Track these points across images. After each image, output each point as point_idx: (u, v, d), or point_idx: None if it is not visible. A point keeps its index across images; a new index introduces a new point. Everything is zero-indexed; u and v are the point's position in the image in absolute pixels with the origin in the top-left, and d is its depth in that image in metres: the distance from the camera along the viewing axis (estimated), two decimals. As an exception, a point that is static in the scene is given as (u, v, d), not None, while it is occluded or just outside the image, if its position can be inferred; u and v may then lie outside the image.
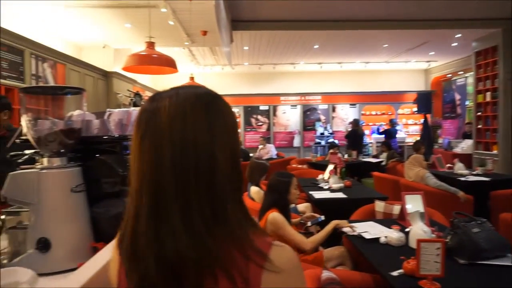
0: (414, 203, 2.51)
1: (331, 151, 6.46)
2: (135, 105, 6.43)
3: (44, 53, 4.55)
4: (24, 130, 1.28)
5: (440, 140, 10.21)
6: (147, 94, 8.37)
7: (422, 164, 4.30)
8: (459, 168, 4.95)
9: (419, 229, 2.06)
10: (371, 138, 10.60)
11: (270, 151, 8.06)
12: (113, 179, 1.33)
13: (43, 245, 1.14)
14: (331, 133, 11.05)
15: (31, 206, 1.18)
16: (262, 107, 11.28)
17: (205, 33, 5.47)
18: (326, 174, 4.44)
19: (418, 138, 9.60)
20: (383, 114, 11.39)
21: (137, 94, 7.01)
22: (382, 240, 2.15)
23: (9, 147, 1.42)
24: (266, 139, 9.01)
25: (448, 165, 5.29)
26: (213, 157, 0.58)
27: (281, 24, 6.56)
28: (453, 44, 7.98)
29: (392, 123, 9.45)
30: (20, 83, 3.98)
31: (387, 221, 2.62)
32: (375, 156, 7.78)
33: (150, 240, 0.57)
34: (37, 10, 4.49)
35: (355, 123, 8.76)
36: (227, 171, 0.59)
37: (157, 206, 0.57)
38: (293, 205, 3.05)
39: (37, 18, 4.76)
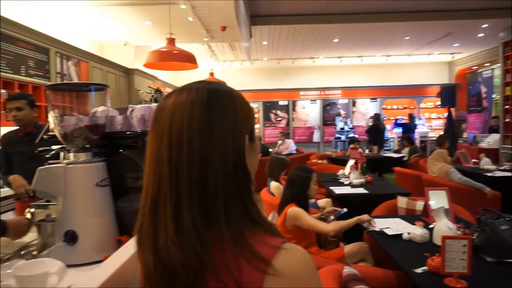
0: (438, 199, 2.45)
1: (351, 146, 6.38)
2: (155, 101, 6.52)
3: (69, 51, 4.67)
4: (51, 126, 1.32)
5: (464, 135, 9.91)
6: (167, 90, 8.47)
7: (446, 159, 4.19)
8: (486, 163, 4.80)
9: (444, 226, 2.01)
10: (393, 133, 10.40)
11: (289, 146, 8.03)
12: (136, 174, 1.36)
13: (71, 237, 1.17)
14: (351, 128, 10.90)
15: (59, 199, 1.22)
16: (281, 102, 11.23)
17: (224, 28, 5.48)
18: (346, 169, 4.39)
19: (442, 132, 9.36)
20: (405, 108, 11.14)
21: (157, 91, 7.10)
22: (405, 236, 2.11)
23: (37, 143, 1.47)
24: (286, 134, 8.98)
25: (474, 160, 5.13)
26: (205, 155, 0.57)
27: (300, 18, 6.49)
28: (479, 35, 7.70)
29: (411, 117, 9.25)
30: (46, 81, 4.10)
31: (410, 217, 2.57)
32: (397, 151, 7.63)
33: (148, 235, 0.57)
34: (62, 10, 4.60)
35: (376, 117, 8.61)
36: (225, 170, 0.57)
37: (156, 202, 0.58)
38: (313, 201, 3.03)
39: (61, 18, 4.88)
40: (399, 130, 9.39)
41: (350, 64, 10.54)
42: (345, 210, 2.70)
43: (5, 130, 2.69)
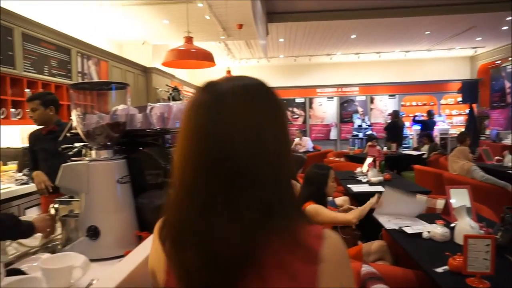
0: (459, 197, 2.39)
1: (369, 143, 6.30)
2: (173, 99, 6.60)
3: (89, 51, 4.77)
4: (74, 124, 1.35)
5: (487, 131, 9.63)
6: (185, 89, 8.55)
7: (467, 157, 4.09)
8: (509, 160, 4.66)
9: (465, 225, 1.97)
10: (412, 130, 10.21)
11: (306, 144, 7.99)
12: (156, 171, 1.38)
13: (93, 232, 1.20)
14: (369, 125, 10.75)
15: (82, 195, 1.25)
16: (298, 100, 11.17)
17: (240, 26, 5.48)
18: (364, 167, 4.34)
19: (463, 129, 9.13)
20: (425, 104, 10.90)
21: (175, 89, 7.18)
22: (425, 235, 2.07)
23: (61, 141, 1.51)
24: (302, 132, 8.93)
25: (497, 157, 4.98)
26: (259, 148, 0.58)
27: (317, 15, 6.43)
28: (503, 28, 7.46)
29: (430, 114, 9.04)
30: (68, 80, 4.21)
31: (429, 215, 2.52)
32: (416, 149, 7.49)
33: (194, 232, 0.57)
34: (82, 10, 4.70)
35: (395, 114, 8.47)
36: (278, 161, 0.59)
37: (206, 198, 0.57)
38: (330, 198, 3.01)
39: (82, 18, 4.99)
40: (418, 127, 9.21)
41: (367, 61, 10.39)
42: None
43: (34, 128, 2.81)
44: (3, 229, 1.16)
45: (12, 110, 3.35)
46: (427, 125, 8.70)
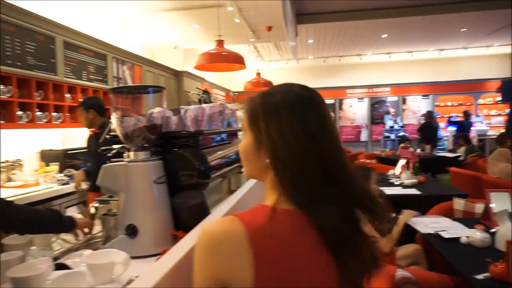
0: (500, 202, 2.29)
1: (402, 145, 6.13)
2: (205, 102, 6.71)
3: (124, 56, 4.95)
4: (113, 126, 1.41)
5: (529, 133, 9.12)
6: (214, 91, 8.67)
7: (508, 159, 3.90)
8: (555, 163, 4.39)
9: (508, 230, 1.88)
10: (447, 131, 9.84)
11: (336, 145, 7.88)
12: (190, 172, 1.41)
13: (132, 231, 1.25)
14: (401, 127, 10.46)
15: (120, 195, 1.31)
16: (327, 101, 10.99)
17: (270, 28, 5.50)
18: (397, 169, 4.23)
19: (503, 130, 8.69)
20: (461, 105, 10.47)
21: (205, 92, 7.30)
22: (463, 240, 2.00)
23: (101, 142, 1.58)
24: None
25: (541, 160, 4.71)
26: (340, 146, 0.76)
27: (347, 15, 6.35)
28: (546, 24, 7.06)
29: (467, 115, 8.66)
30: (104, 84, 4.38)
31: (467, 219, 2.42)
32: (452, 151, 7.21)
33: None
34: (117, 17, 4.89)
35: (429, 115, 8.19)
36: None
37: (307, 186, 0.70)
38: None
39: (117, 25, 5.19)
40: (454, 128, 8.86)
41: (399, 60, 10.12)
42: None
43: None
44: (47, 223, 1.24)
45: (54, 114, 3.53)
46: (463, 126, 8.35)
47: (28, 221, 1.19)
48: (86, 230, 1.41)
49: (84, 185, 2.93)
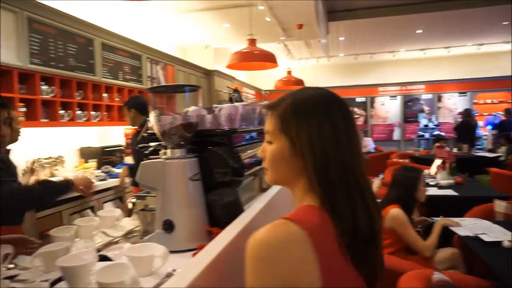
0: (546, 204, 2.17)
1: (437, 144, 5.92)
2: (236, 101, 6.78)
3: (157, 56, 5.08)
4: (151, 125, 1.46)
5: None
6: (245, 90, 8.73)
7: (555, 160, 3.68)
8: None
9: (554, 234, 1.78)
10: (486, 130, 9.39)
11: (367, 144, 7.73)
12: (224, 170, 1.44)
13: (168, 226, 1.29)
14: (436, 125, 10.10)
15: (158, 191, 1.35)
16: (358, 99, 10.84)
17: (300, 26, 5.47)
18: (432, 169, 4.09)
19: (549, 129, 8.18)
20: (501, 102, 9.95)
21: (235, 91, 7.36)
22: (506, 244, 1.91)
23: (139, 140, 1.64)
24: (364, 132, 8.64)
25: None
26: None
27: (379, 11, 6.20)
28: None
29: (509, 112, 8.20)
30: (139, 84, 4.52)
31: (509, 223, 2.31)
32: (491, 150, 6.88)
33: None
34: (150, 18, 5.02)
35: (467, 113, 7.85)
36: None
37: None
38: None
39: (150, 26, 5.33)
40: (491, 128, 8.41)
41: (435, 56, 9.76)
42: (435, 219, 2.53)
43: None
44: (47, 196, 1.38)
45: (92, 113, 3.69)
46: (503, 126, 7.93)
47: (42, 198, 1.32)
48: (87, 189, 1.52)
49: (127, 180, 3.16)
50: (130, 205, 1.68)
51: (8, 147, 2.21)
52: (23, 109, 2.95)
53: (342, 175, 0.72)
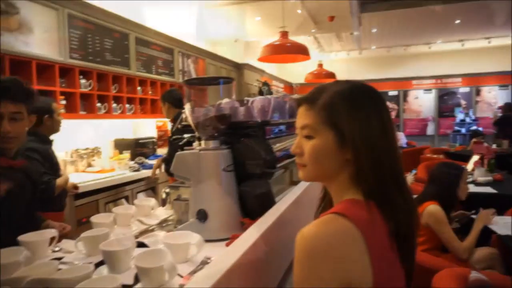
0: None
1: (474, 140, 5.68)
2: (265, 94, 6.78)
3: (189, 50, 5.16)
4: (185, 116, 1.49)
5: None
6: (274, 83, 8.71)
7: None
8: None
9: None
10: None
11: (399, 139, 7.53)
12: (257, 161, 1.45)
13: (202, 215, 1.32)
14: (474, 120, 9.66)
15: (192, 181, 1.38)
16: (391, 93, 10.54)
17: (332, 18, 5.38)
18: (469, 166, 3.93)
19: None
20: (547, 96, 9.38)
21: (265, 84, 7.36)
22: (550, 244, 1.81)
23: (173, 131, 1.68)
24: (396, 127, 8.40)
25: None
26: None
27: (415, 2, 5.97)
28: None
29: None
30: (171, 78, 4.61)
31: (555, 223, 2.19)
32: (535, 147, 6.50)
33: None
34: (182, 12, 5.10)
35: (508, 107, 7.45)
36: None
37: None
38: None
39: (182, 20, 5.41)
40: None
41: (474, 48, 9.31)
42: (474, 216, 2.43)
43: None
44: None
45: (127, 105, 3.81)
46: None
47: None
48: None
49: (158, 171, 3.32)
50: (164, 195, 1.73)
51: (51, 137, 2.32)
52: (63, 102, 3.09)
53: (392, 166, 0.72)
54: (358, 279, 0.62)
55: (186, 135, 1.58)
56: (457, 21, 7.10)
